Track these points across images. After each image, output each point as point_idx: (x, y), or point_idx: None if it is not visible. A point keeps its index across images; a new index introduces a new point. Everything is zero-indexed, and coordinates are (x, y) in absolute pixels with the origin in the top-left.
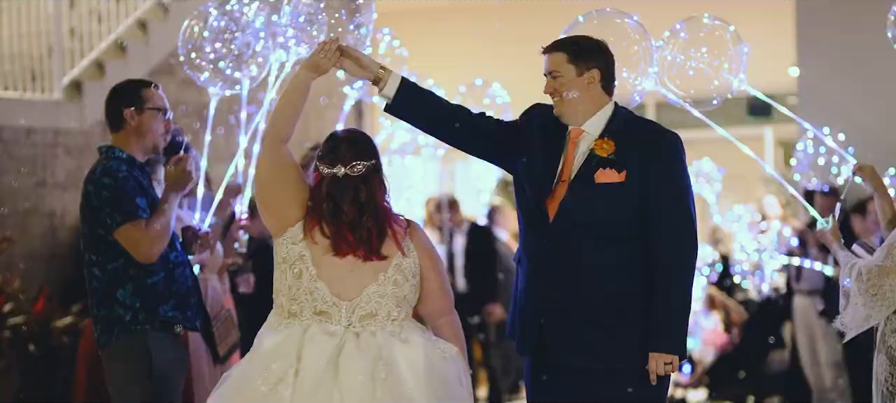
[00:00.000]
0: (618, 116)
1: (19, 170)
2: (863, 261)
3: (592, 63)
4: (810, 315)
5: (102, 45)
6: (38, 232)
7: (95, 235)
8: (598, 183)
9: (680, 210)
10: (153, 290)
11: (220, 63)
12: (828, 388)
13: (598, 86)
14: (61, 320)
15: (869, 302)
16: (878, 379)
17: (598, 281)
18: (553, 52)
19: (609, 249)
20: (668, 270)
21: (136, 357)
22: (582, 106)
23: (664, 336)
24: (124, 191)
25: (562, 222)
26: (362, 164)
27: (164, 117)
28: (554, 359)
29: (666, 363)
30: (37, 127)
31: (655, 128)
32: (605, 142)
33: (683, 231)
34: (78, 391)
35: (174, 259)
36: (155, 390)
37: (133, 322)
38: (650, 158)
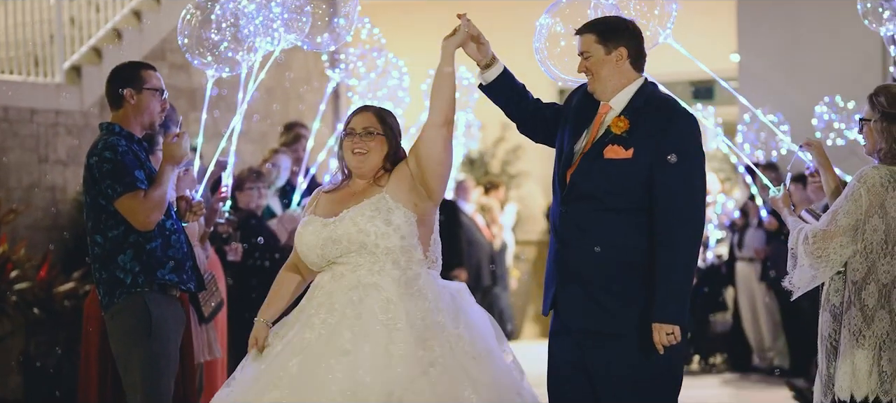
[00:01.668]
0: (642, 92)
1: (23, 147)
2: (809, 226)
3: (620, 41)
4: (751, 280)
5: (100, 33)
6: (41, 204)
7: (97, 205)
8: (605, 158)
9: (685, 187)
10: (152, 255)
11: (223, 46)
12: (767, 347)
13: (627, 62)
14: (63, 286)
15: (814, 264)
16: (822, 335)
17: (605, 250)
18: (583, 34)
19: (616, 221)
20: (670, 245)
21: (136, 317)
22: (611, 82)
23: (665, 307)
24: (124, 164)
25: (572, 193)
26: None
27: (160, 97)
28: (565, 322)
29: (667, 332)
30: (39, 108)
31: (671, 107)
32: (621, 119)
33: (687, 207)
34: (89, 348)
35: (170, 226)
36: (155, 346)
37: (133, 284)
38: (660, 136)
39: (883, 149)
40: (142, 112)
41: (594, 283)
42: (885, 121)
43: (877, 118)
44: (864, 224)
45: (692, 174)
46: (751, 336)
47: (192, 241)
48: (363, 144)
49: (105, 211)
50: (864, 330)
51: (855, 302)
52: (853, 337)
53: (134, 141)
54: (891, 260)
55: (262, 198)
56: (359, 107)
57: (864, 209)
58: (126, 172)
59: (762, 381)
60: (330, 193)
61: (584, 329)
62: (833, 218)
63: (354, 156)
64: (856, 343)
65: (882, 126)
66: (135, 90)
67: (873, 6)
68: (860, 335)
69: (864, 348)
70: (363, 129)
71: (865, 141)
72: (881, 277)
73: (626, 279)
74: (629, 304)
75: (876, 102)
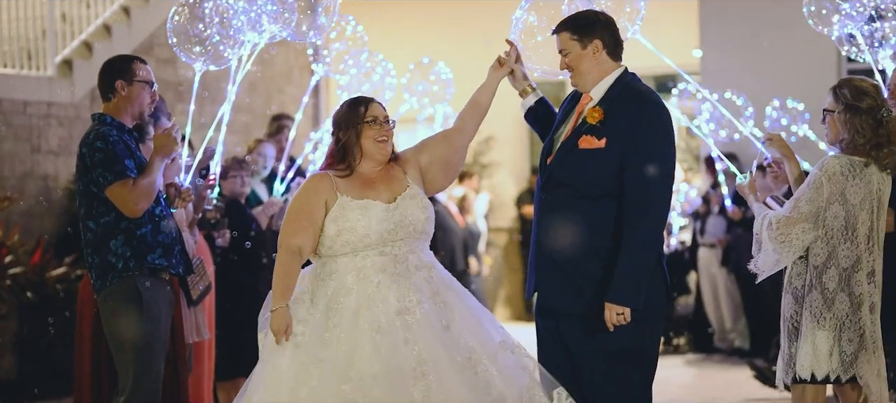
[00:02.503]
0: (620, 82)
1: (17, 138)
2: (773, 213)
3: (595, 34)
4: (713, 264)
5: (90, 28)
6: (34, 192)
7: (89, 193)
8: (580, 148)
9: (651, 175)
10: (142, 241)
11: (208, 42)
12: (728, 329)
13: (604, 53)
14: (56, 270)
15: (778, 248)
16: (784, 316)
17: (579, 235)
18: (559, 32)
19: (591, 208)
20: (633, 230)
21: (128, 300)
22: (591, 74)
23: (619, 289)
24: (115, 153)
25: (550, 181)
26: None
27: (150, 89)
28: (544, 303)
29: (618, 313)
30: (32, 100)
31: (645, 98)
32: (596, 109)
33: (651, 195)
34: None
35: (160, 213)
36: (146, 327)
37: (125, 268)
38: (631, 125)
39: (845, 140)
40: (132, 103)
41: (570, 267)
42: (849, 113)
43: (840, 109)
44: (825, 211)
45: (660, 164)
46: (712, 318)
47: (181, 227)
48: (387, 132)
49: (97, 199)
50: (824, 312)
51: (816, 285)
52: (814, 319)
53: (125, 131)
54: (850, 246)
55: (245, 186)
56: (366, 98)
57: (826, 197)
58: (116, 161)
59: (724, 361)
60: (346, 178)
61: (563, 310)
62: (796, 205)
63: (380, 144)
64: (817, 325)
65: (845, 117)
66: (126, 82)
67: (817, 8)
68: (821, 317)
69: (824, 329)
70: (385, 118)
71: (828, 131)
72: (841, 262)
73: (601, 263)
74: (603, 287)
75: (839, 94)
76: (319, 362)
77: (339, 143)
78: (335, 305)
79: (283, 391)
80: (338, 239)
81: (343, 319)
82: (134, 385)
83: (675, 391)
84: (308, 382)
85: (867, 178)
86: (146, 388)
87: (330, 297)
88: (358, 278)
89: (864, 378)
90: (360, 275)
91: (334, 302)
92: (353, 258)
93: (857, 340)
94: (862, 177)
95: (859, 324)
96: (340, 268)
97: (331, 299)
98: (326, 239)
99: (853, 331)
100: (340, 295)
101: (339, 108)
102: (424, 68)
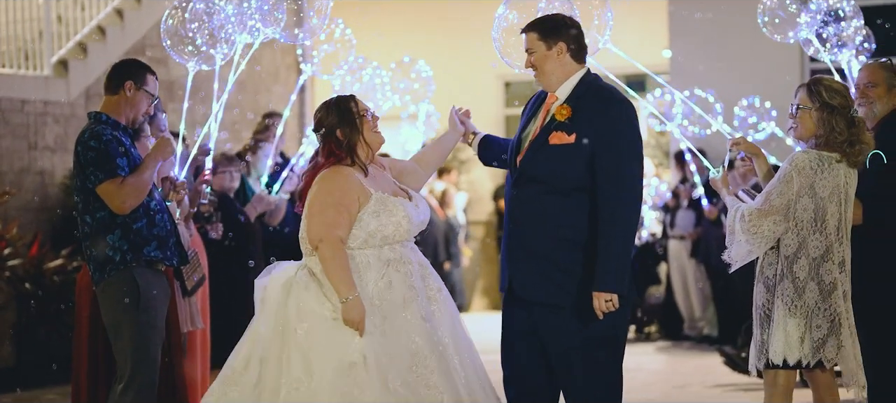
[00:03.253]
0: (584, 82)
1: (14, 135)
2: (745, 205)
3: (560, 37)
4: (682, 256)
5: (85, 30)
6: (31, 187)
7: (85, 188)
8: (550, 144)
9: (623, 168)
10: (138, 234)
11: (198, 40)
12: (697, 317)
13: (567, 55)
14: (53, 262)
15: (750, 240)
16: (756, 305)
17: (552, 228)
18: (527, 33)
19: (562, 201)
20: (610, 221)
21: (126, 291)
22: (555, 75)
23: (605, 277)
24: (107, 152)
25: (521, 177)
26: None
27: (151, 101)
28: (519, 295)
29: (606, 300)
30: (29, 98)
31: (611, 94)
32: (564, 107)
33: (624, 187)
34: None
35: (155, 207)
36: (143, 317)
37: (122, 261)
38: (600, 121)
39: (821, 136)
40: (132, 107)
41: (544, 259)
42: (825, 111)
43: (816, 107)
44: (795, 203)
45: (631, 156)
46: (682, 307)
47: (177, 220)
48: (377, 121)
49: (92, 194)
50: (795, 300)
51: (787, 274)
52: (786, 307)
53: (119, 128)
54: (819, 236)
55: (234, 181)
56: (349, 96)
57: (795, 190)
58: (108, 159)
59: (693, 348)
60: (362, 175)
61: (537, 301)
62: (767, 198)
63: (378, 134)
64: (788, 313)
65: (822, 116)
66: (135, 85)
67: (770, 18)
68: (792, 305)
69: (795, 316)
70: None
71: (797, 126)
72: (811, 252)
73: (572, 254)
74: (575, 277)
75: (815, 92)
76: (390, 357)
77: (341, 143)
78: (379, 301)
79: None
80: (378, 233)
81: (392, 312)
82: (132, 373)
83: (648, 376)
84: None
85: (835, 172)
86: (144, 375)
87: (372, 292)
88: (396, 271)
89: (836, 361)
90: (396, 268)
91: (377, 297)
92: (382, 250)
93: (826, 326)
94: (830, 170)
95: (830, 311)
96: (372, 261)
97: (373, 295)
98: (362, 232)
99: (822, 318)
100: (384, 290)
101: (324, 112)
102: (406, 67)
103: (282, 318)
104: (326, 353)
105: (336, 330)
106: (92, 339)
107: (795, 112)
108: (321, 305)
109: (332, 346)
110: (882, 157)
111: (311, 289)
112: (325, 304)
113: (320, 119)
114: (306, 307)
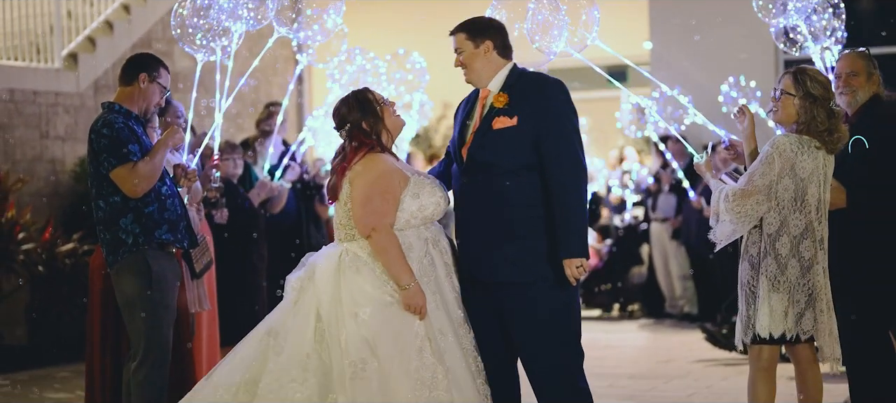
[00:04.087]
0: (513, 73)
1: (27, 125)
2: (729, 186)
3: (486, 36)
4: (664, 238)
5: (94, 24)
6: (43, 175)
7: (99, 174)
8: (494, 129)
9: (565, 141)
10: (150, 218)
11: (198, 36)
12: (678, 296)
13: (494, 53)
14: (65, 246)
15: (734, 219)
16: (742, 282)
17: (504, 208)
18: (455, 34)
19: (512, 180)
20: (562, 192)
21: (138, 272)
22: (484, 71)
23: (569, 244)
24: (119, 139)
25: (471, 163)
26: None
27: (162, 93)
28: (476, 276)
29: (577, 266)
30: (41, 90)
31: (542, 77)
32: (501, 94)
33: (569, 158)
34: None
35: (166, 192)
36: (155, 297)
37: (134, 244)
38: (538, 101)
39: (802, 124)
40: (145, 98)
41: (501, 239)
42: (808, 101)
43: (801, 96)
44: (776, 184)
45: (570, 130)
46: (663, 286)
47: (190, 207)
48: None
49: (106, 179)
50: (779, 276)
51: (770, 252)
52: (770, 283)
53: (131, 117)
54: (800, 215)
55: (237, 168)
56: (364, 88)
57: (777, 171)
58: (120, 145)
59: (675, 325)
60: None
61: (496, 281)
62: (750, 179)
63: (398, 117)
64: (772, 288)
65: (804, 104)
66: (148, 78)
67: (765, 3)
68: (776, 280)
69: (779, 292)
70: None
71: (778, 110)
72: (792, 230)
73: (526, 231)
74: (531, 253)
75: (801, 81)
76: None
77: (369, 133)
78: (426, 278)
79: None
80: (418, 214)
81: (440, 287)
82: (145, 351)
83: (633, 352)
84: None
85: (814, 155)
86: (156, 353)
87: (418, 271)
88: (434, 248)
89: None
90: (434, 246)
91: (423, 275)
92: (420, 230)
93: (804, 300)
94: (809, 153)
95: (808, 285)
96: (414, 241)
97: (419, 274)
98: (404, 213)
99: (802, 292)
100: (428, 267)
101: (346, 109)
102: (400, 58)
103: (336, 302)
104: (394, 336)
105: (399, 314)
106: (104, 318)
107: (778, 96)
108: (379, 289)
109: (398, 329)
110: (864, 142)
111: (364, 273)
112: (384, 288)
113: (343, 116)
114: (364, 291)
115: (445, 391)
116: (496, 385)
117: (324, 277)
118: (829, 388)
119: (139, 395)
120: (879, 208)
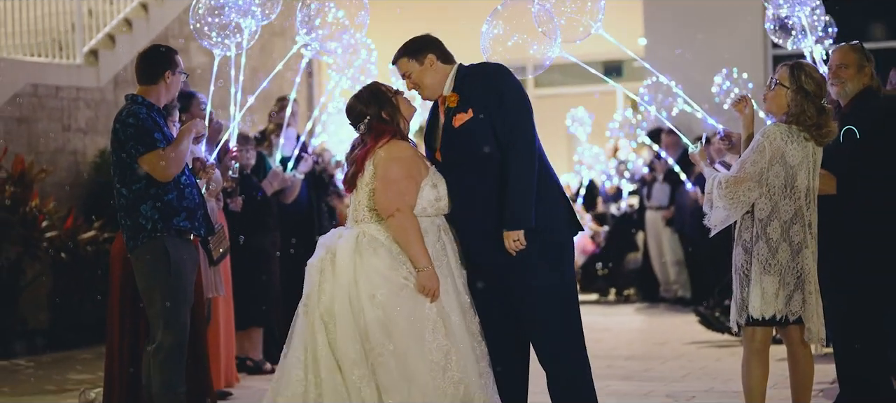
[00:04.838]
0: (460, 72)
1: (50, 118)
2: (722, 174)
3: (427, 51)
4: (658, 225)
5: (113, 22)
6: (65, 166)
7: (122, 163)
8: (455, 127)
9: (516, 117)
10: (169, 205)
11: (213, 34)
12: (672, 281)
13: (438, 63)
14: (86, 234)
15: (727, 205)
16: (736, 266)
17: (479, 195)
18: (398, 60)
19: (482, 167)
20: (511, 165)
21: (157, 258)
22: (435, 83)
23: (508, 217)
24: (145, 127)
25: (444, 161)
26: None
27: (184, 78)
28: (476, 261)
29: (514, 239)
30: (63, 85)
31: (483, 65)
32: (453, 95)
33: (519, 131)
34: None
35: (185, 181)
36: (173, 282)
37: (154, 230)
38: (485, 88)
39: (793, 114)
40: (170, 92)
41: (488, 226)
42: (800, 95)
43: (794, 89)
44: (767, 171)
45: (519, 106)
46: (658, 272)
47: (210, 197)
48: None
49: (129, 168)
50: (770, 259)
51: (762, 236)
52: (762, 266)
53: (153, 109)
54: (790, 201)
55: (251, 159)
56: (375, 82)
57: (768, 158)
58: (147, 134)
59: (669, 309)
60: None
61: (494, 263)
62: (742, 167)
63: (412, 105)
64: (764, 271)
65: (796, 97)
66: (172, 72)
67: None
68: (767, 264)
69: (770, 274)
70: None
71: (769, 101)
72: (782, 215)
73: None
74: (528, 233)
75: (796, 75)
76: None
77: (389, 122)
78: (440, 263)
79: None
80: (437, 202)
81: (453, 272)
82: (163, 334)
83: (631, 335)
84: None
85: (803, 143)
86: (174, 336)
87: (432, 256)
88: (445, 234)
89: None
90: (445, 233)
91: (437, 260)
92: (434, 219)
93: (793, 282)
94: (798, 141)
95: (797, 268)
96: (429, 228)
97: (434, 259)
98: (422, 201)
99: (791, 275)
100: (440, 253)
101: (362, 104)
102: None
103: (353, 283)
104: (407, 317)
105: (413, 296)
106: (123, 303)
107: (773, 87)
108: (394, 270)
109: (412, 310)
110: (855, 132)
111: (381, 254)
112: (399, 270)
113: (360, 111)
114: (380, 272)
115: (458, 370)
116: (505, 367)
117: (343, 258)
118: (819, 368)
119: (157, 376)
120: (871, 198)
